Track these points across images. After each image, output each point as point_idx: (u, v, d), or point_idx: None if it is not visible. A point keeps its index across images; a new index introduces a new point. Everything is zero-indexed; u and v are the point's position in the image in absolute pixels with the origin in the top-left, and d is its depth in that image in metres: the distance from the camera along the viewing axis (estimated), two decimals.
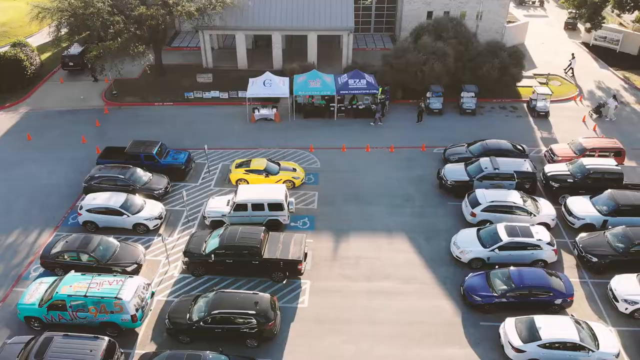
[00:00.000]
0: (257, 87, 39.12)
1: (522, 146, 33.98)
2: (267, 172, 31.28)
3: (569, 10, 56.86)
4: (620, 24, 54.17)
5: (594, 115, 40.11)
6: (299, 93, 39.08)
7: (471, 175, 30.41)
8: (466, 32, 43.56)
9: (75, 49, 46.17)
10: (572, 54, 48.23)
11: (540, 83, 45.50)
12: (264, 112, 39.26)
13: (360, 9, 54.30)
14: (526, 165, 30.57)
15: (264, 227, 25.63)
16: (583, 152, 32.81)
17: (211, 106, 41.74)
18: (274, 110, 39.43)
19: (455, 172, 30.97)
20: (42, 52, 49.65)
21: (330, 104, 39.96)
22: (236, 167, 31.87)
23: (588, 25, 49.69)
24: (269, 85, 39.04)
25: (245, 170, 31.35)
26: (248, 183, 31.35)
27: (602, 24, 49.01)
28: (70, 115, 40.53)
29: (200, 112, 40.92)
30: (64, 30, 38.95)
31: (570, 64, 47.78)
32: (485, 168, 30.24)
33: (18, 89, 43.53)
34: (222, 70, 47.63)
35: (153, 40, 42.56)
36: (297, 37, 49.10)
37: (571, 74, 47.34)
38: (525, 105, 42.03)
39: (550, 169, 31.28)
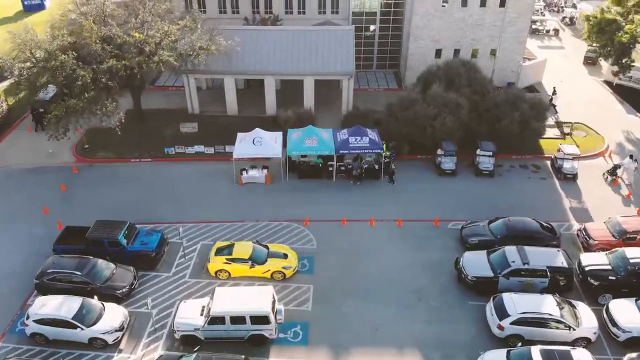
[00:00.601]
0: (245, 145, 34.41)
1: (550, 225, 29.20)
2: (253, 262, 26.49)
3: (589, 44, 52.33)
4: None
5: (609, 178, 35.28)
6: (293, 153, 34.39)
7: (496, 270, 25.58)
8: (481, 78, 38.87)
9: (47, 94, 41.44)
10: (554, 88, 44.29)
11: (564, 133, 40.78)
12: (254, 173, 34.49)
13: (361, 44, 49.77)
14: (560, 258, 25.73)
15: (242, 357, 20.81)
16: (623, 234, 28.04)
17: (194, 163, 37.04)
18: (265, 171, 34.66)
19: (476, 264, 26.15)
20: (11, 94, 45.09)
21: (329, 162, 35.24)
22: (216, 254, 27.03)
23: (616, 69, 45.04)
24: (259, 143, 34.35)
25: (227, 259, 26.54)
26: (230, 275, 26.59)
27: (632, 67, 44.29)
28: (35, 175, 35.79)
29: (181, 170, 36.19)
30: (24, 76, 34.11)
31: (552, 99, 43.69)
32: (513, 262, 25.40)
33: None
34: (210, 116, 42.98)
35: (130, 86, 37.93)
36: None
37: (554, 112, 43.40)
38: (549, 163, 37.24)
39: (587, 261, 26.44)
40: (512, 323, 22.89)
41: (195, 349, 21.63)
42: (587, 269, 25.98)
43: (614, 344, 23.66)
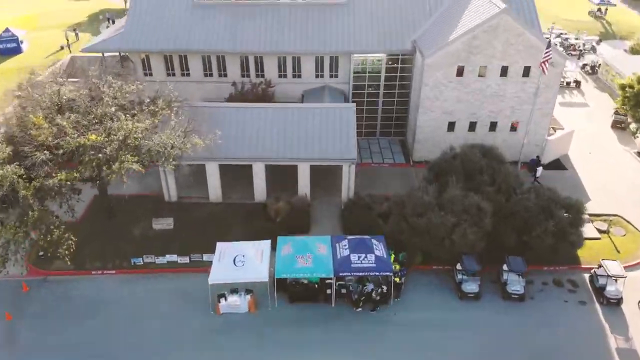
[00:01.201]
0: (225, 266, 28.58)
1: None
2: None
3: (616, 109, 46.79)
4: None
5: None
6: (283, 276, 28.56)
7: None
8: (506, 173, 32.96)
9: None
10: (537, 157, 39.34)
11: (600, 231, 35.01)
12: (234, 300, 28.61)
13: (363, 111, 44.07)
14: None
15: None
16: None
17: (166, 276, 31.29)
18: (248, 297, 28.78)
19: None
20: None
21: (327, 281, 29.36)
22: None
23: None
24: (240, 264, 28.57)
25: None
26: None
27: None
28: None
29: (149, 289, 30.42)
30: None
31: (535, 173, 38.99)
32: None
33: None
34: (189, 203, 37.24)
35: (92, 181, 32.16)
36: None
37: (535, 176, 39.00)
38: (587, 277, 31.41)
39: None
40: None
41: None
42: None
43: None
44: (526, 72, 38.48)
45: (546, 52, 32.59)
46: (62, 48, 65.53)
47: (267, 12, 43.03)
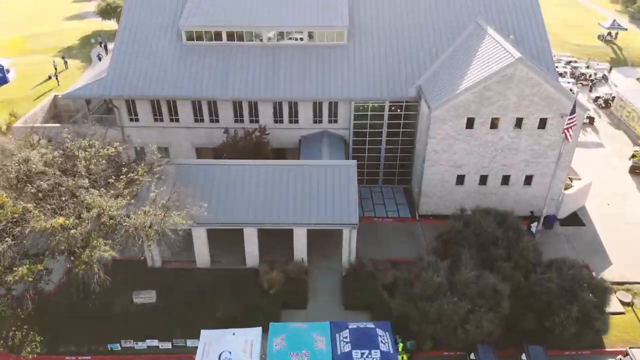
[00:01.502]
0: None
1: None
2: None
3: (635, 151, 43.74)
4: None
5: None
6: None
7: None
8: (524, 246, 29.77)
9: None
10: (531, 213, 37.20)
11: (624, 303, 31.90)
12: None
13: (365, 158, 40.99)
14: None
15: None
16: None
17: None
18: None
19: None
20: None
21: None
22: None
23: None
24: None
25: None
26: None
27: None
28: None
29: None
30: None
31: (531, 227, 36.29)
32: None
33: None
34: (174, 270, 34.03)
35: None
36: None
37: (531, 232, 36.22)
38: None
39: None
40: None
41: None
42: None
43: None
44: (542, 124, 35.35)
45: (571, 119, 29.34)
46: (50, 77, 62.58)
47: (261, 54, 40.01)
